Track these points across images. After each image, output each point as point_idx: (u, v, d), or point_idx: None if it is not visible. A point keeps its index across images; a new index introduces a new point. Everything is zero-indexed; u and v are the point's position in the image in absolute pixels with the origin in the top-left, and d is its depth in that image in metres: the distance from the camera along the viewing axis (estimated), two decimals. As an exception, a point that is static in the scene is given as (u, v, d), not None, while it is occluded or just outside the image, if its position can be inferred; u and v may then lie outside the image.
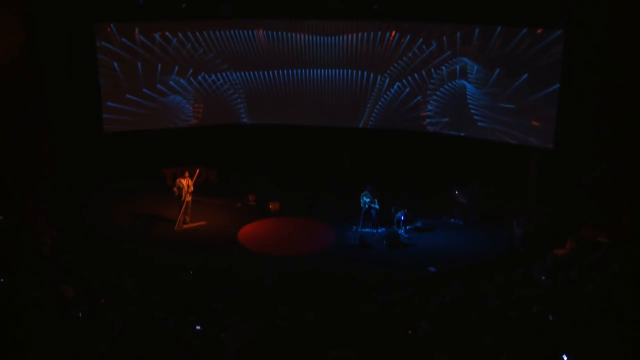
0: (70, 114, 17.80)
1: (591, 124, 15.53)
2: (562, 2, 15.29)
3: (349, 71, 18.81)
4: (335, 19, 18.13)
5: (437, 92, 18.23)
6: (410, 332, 8.93)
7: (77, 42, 17.46)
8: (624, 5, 14.28)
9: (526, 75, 16.59)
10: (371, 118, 19.21)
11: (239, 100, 19.59)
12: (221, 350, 8.55)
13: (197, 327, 9.01)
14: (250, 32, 18.62)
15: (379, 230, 15.65)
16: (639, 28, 14.03)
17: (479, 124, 17.80)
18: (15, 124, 15.87)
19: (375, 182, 16.15)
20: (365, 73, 18.71)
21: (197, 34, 18.46)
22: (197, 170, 16.15)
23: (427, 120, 18.62)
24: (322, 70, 18.93)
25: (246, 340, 8.70)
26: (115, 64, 18.11)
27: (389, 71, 18.51)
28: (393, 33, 17.92)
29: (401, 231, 15.53)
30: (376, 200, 15.61)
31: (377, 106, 19.01)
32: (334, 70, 18.87)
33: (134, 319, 9.15)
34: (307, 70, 19.02)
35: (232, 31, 18.58)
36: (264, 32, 18.56)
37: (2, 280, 10.08)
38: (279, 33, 18.56)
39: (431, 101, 18.36)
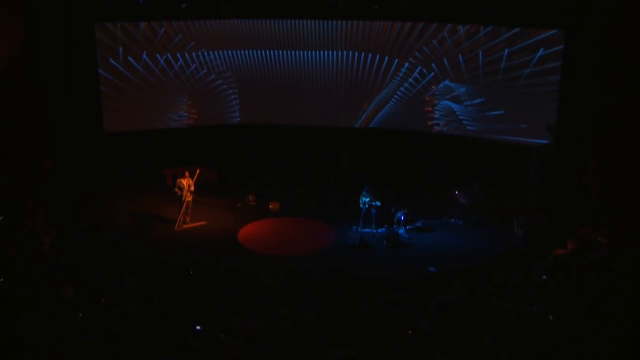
0: (70, 114, 17.81)
1: (591, 124, 15.54)
2: (562, 2, 15.30)
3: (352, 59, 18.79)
4: (336, 19, 18.15)
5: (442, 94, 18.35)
6: (410, 332, 8.92)
7: (77, 42, 17.46)
8: (623, 4, 14.28)
9: (525, 75, 16.65)
10: (374, 118, 19.25)
11: (233, 97, 19.62)
12: (221, 350, 8.55)
13: (197, 327, 9.01)
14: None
15: (379, 230, 15.65)
16: (639, 27, 14.04)
17: (469, 127, 17.92)
18: (16, 123, 15.86)
19: (375, 181, 16.15)
20: (368, 68, 18.74)
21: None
22: (197, 170, 16.15)
23: (435, 120, 18.68)
24: (323, 53, 18.84)
25: (246, 340, 8.70)
26: (115, 63, 18.18)
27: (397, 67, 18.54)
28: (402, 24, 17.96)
29: (401, 231, 15.53)
30: (376, 200, 15.61)
31: (379, 105, 19.06)
32: (335, 53, 18.79)
33: (134, 319, 9.15)
34: (306, 53, 18.93)
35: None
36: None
37: (1, 280, 10.08)
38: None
39: (437, 102, 18.44)
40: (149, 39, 18.23)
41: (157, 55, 18.47)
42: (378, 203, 15.58)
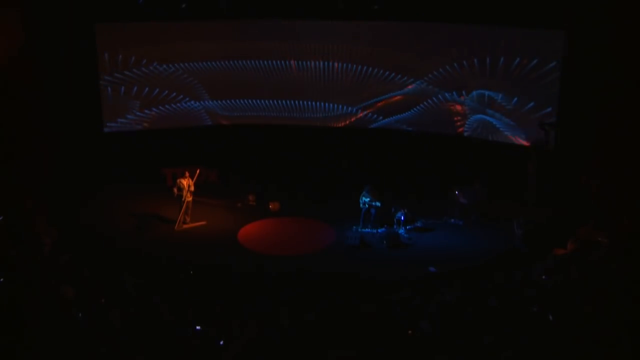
0: (70, 114, 17.81)
1: (591, 124, 15.54)
2: (563, 2, 15.30)
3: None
4: (335, 20, 18.14)
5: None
6: (410, 332, 8.92)
7: (77, 42, 17.46)
8: (624, 5, 14.28)
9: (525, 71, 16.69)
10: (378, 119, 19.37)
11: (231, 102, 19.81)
12: (221, 350, 8.54)
13: (197, 327, 9.01)
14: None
15: (379, 230, 15.64)
16: (639, 27, 14.04)
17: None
18: (15, 124, 15.86)
19: (374, 181, 16.14)
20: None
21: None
22: (197, 170, 16.15)
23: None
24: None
25: (246, 340, 8.70)
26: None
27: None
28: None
29: (401, 231, 15.53)
30: (376, 200, 15.60)
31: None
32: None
33: (134, 319, 9.15)
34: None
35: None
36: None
37: (1, 280, 10.08)
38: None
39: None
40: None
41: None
42: (378, 203, 15.57)
